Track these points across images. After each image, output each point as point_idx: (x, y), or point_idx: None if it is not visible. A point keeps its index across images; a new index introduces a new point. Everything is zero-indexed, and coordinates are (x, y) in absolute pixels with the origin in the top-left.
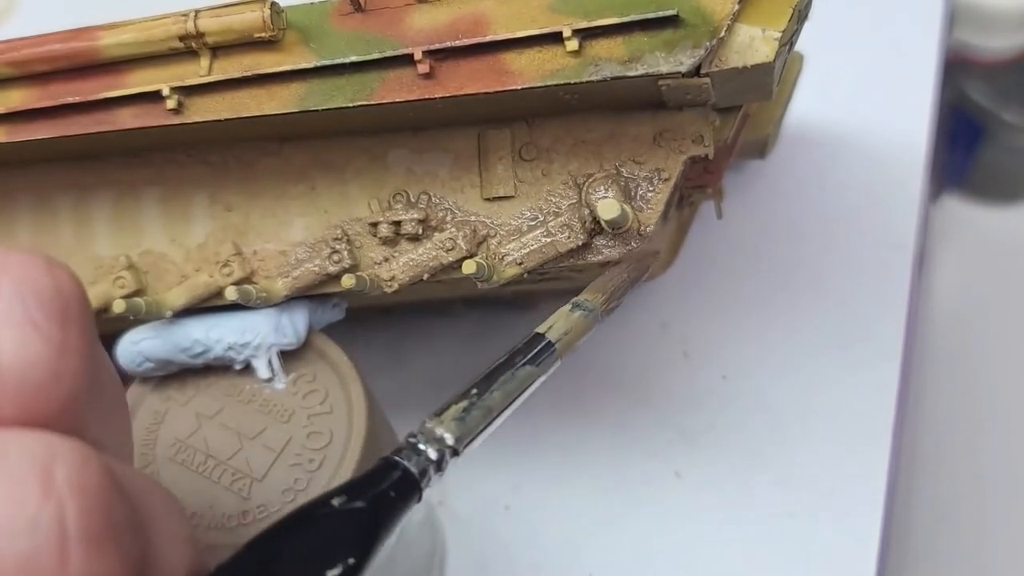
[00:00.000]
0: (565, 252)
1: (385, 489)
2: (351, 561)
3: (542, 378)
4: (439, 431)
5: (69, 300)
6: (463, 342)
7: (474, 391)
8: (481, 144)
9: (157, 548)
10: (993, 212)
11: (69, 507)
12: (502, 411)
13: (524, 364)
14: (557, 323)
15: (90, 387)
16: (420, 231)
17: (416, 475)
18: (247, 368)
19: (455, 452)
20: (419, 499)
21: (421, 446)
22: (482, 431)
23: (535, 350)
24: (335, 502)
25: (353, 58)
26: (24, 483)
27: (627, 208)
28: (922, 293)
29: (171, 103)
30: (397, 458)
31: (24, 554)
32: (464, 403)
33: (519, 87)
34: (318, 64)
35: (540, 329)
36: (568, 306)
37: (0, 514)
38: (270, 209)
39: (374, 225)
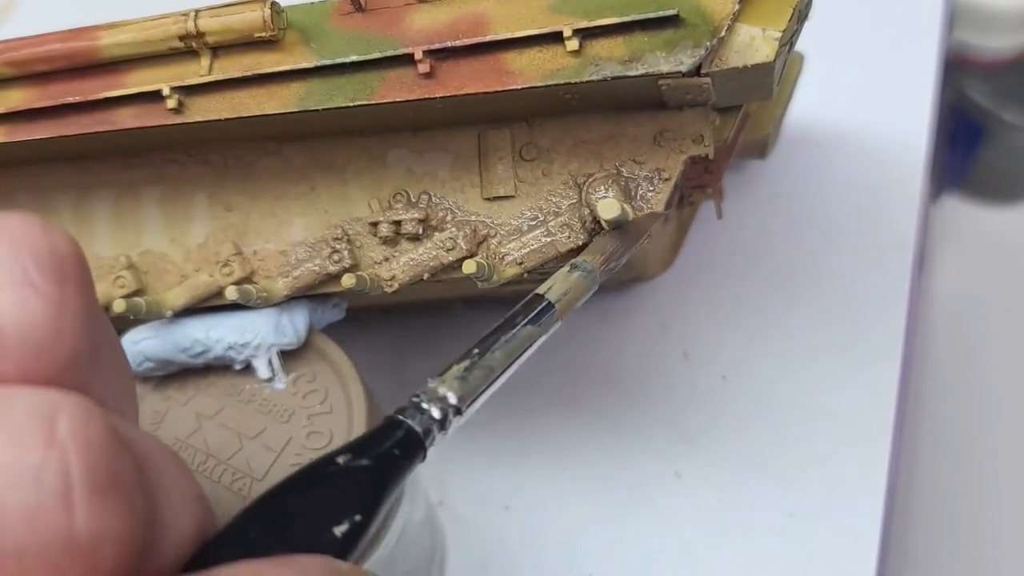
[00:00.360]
0: (565, 252)
1: (389, 447)
2: (357, 518)
3: (543, 338)
4: (442, 390)
5: (65, 260)
6: (463, 342)
7: (476, 351)
8: (481, 144)
9: (164, 506)
10: (993, 212)
11: (73, 459)
12: (504, 370)
13: (525, 324)
14: (556, 284)
15: (91, 347)
16: (420, 231)
17: (420, 434)
18: (247, 368)
19: (458, 411)
20: (423, 458)
21: (424, 405)
22: (484, 391)
23: (535, 310)
24: (340, 460)
25: (353, 58)
26: (28, 435)
27: (627, 208)
28: (922, 293)
29: (171, 103)
30: (401, 417)
31: (29, 505)
32: (466, 363)
33: (519, 87)
34: (318, 64)
35: (540, 290)
36: (567, 267)
37: (4, 465)
38: (270, 209)
39: (374, 225)
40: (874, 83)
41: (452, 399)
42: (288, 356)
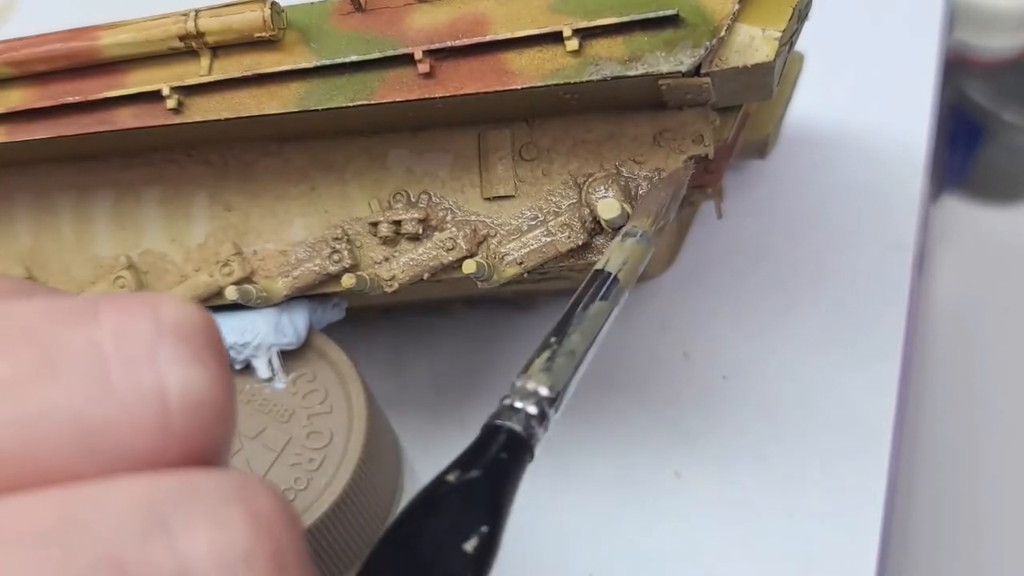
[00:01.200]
0: (565, 252)
1: (495, 453)
2: (484, 529)
3: (615, 310)
4: (530, 385)
5: (220, 339)
6: (463, 342)
7: (552, 339)
8: (481, 144)
9: None
10: (993, 212)
11: (285, 541)
12: (585, 351)
13: (593, 302)
14: (612, 255)
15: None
16: (420, 231)
17: (522, 433)
18: (247, 368)
19: (552, 402)
20: (531, 458)
21: (518, 404)
22: (573, 376)
23: (600, 286)
24: (450, 477)
25: (353, 58)
26: (232, 522)
27: (627, 208)
28: (922, 293)
29: (171, 103)
30: (499, 421)
31: None
32: (547, 353)
33: (519, 87)
34: (318, 64)
35: (598, 266)
36: (619, 238)
37: (214, 554)
38: (270, 209)
39: (374, 225)
40: (874, 83)
41: (544, 391)
42: (288, 356)
